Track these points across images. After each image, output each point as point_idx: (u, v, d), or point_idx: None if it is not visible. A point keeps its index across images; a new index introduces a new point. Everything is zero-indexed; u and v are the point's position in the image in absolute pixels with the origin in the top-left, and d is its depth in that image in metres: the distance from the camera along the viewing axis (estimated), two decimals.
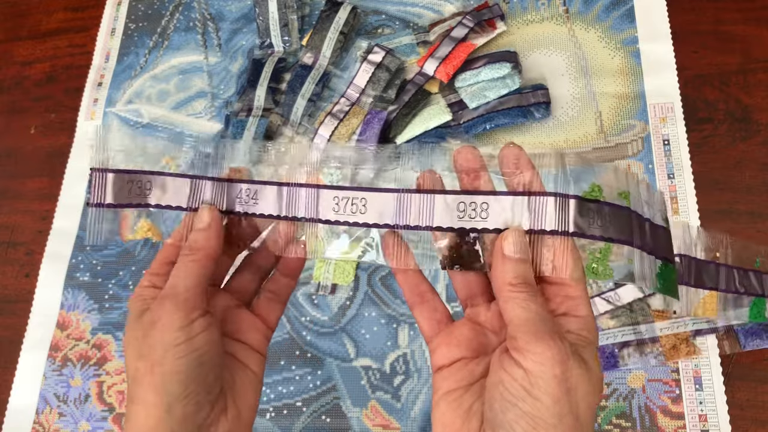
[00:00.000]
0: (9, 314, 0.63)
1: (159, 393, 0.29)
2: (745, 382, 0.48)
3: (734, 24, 0.59)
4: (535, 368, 0.26)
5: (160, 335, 0.30)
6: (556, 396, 0.26)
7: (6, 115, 0.73)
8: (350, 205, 0.32)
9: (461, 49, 0.59)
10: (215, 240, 0.33)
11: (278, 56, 0.65)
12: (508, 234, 0.29)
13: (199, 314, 0.31)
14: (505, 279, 0.28)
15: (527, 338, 0.26)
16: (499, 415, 0.27)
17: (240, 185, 0.34)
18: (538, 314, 0.27)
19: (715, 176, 0.54)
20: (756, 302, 0.46)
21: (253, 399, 0.34)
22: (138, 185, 0.34)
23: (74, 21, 0.76)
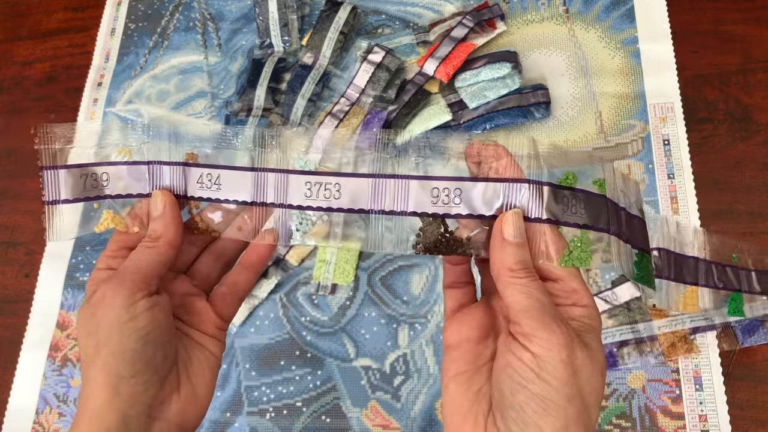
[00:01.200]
0: (9, 314, 0.63)
1: (106, 373, 0.30)
2: (745, 382, 0.48)
3: (734, 24, 0.59)
4: (542, 353, 0.26)
5: (104, 313, 0.30)
6: (564, 379, 0.26)
7: (6, 115, 0.73)
8: (323, 190, 0.32)
9: (461, 49, 0.59)
10: (173, 226, 0.33)
11: (278, 56, 0.65)
12: (507, 217, 0.29)
13: (142, 295, 0.31)
14: (504, 263, 0.29)
15: (532, 324, 0.27)
16: (508, 397, 0.27)
17: (200, 170, 0.34)
18: (540, 300, 0.28)
19: (715, 176, 0.54)
20: (734, 297, 0.47)
21: (210, 376, 0.34)
22: (93, 177, 0.34)
23: (74, 21, 0.76)
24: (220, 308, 0.36)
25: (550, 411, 0.26)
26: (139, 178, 0.34)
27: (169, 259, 0.33)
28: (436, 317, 0.54)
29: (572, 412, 0.26)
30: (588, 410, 0.27)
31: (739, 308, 0.47)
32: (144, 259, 0.32)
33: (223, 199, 0.33)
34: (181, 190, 0.34)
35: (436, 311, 0.54)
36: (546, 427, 0.26)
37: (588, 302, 0.29)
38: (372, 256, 0.57)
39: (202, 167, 0.34)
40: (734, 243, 0.49)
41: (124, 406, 0.30)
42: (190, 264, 0.37)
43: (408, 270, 0.56)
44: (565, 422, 0.26)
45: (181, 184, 0.34)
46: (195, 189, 0.34)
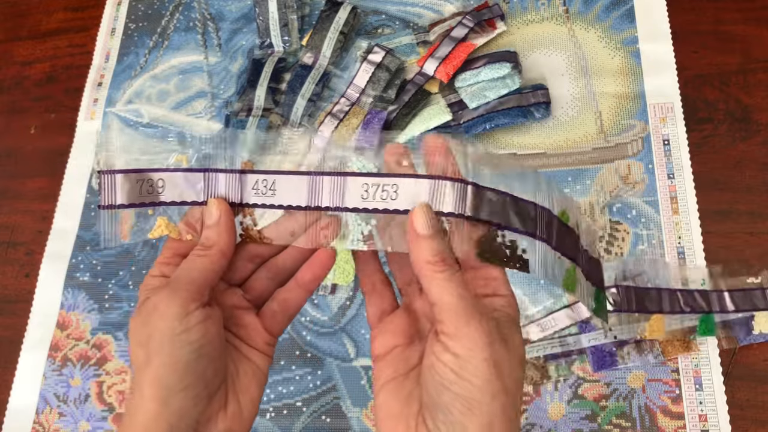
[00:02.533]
0: (9, 314, 0.63)
1: (156, 386, 0.29)
2: (745, 382, 0.48)
3: (734, 24, 0.59)
4: (464, 353, 0.27)
5: (156, 323, 0.30)
6: (487, 377, 0.26)
7: (6, 115, 0.73)
8: (381, 191, 0.31)
9: (461, 49, 0.59)
10: (226, 234, 0.32)
11: (278, 56, 0.65)
12: (416, 212, 0.29)
13: (196, 306, 0.30)
14: (421, 257, 0.29)
15: (455, 323, 0.27)
16: (435, 398, 0.28)
17: (256, 176, 0.33)
18: (462, 296, 0.28)
19: (715, 176, 0.54)
20: (703, 319, 0.49)
21: (256, 393, 0.34)
22: (149, 183, 0.33)
23: (74, 21, 0.76)
24: (269, 324, 0.35)
25: (474, 410, 0.26)
26: (195, 185, 0.33)
27: (221, 268, 0.32)
28: None
29: (497, 408, 0.27)
30: (513, 402, 0.27)
31: (710, 328, 0.48)
32: (196, 269, 0.31)
33: (277, 204, 0.33)
34: (237, 197, 0.33)
35: None
36: (471, 426, 0.26)
37: (506, 291, 0.30)
38: None
39: (258, 173, 0.33)
40: (701, 270, 0.51)
41: (173, 419, 0.29)
42: (244, 279, 0.36)
43: None
44: (490, 418, 0.26)
45: (236, 191, 0.33)
46: (250, 196, 0.33)
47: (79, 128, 0.70)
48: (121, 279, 0.62)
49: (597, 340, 0.50)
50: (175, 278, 0.31)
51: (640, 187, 0.55)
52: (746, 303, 0.49)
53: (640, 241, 0.53)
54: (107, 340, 0.60)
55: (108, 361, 0.59)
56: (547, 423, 0.49)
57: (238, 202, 0.33)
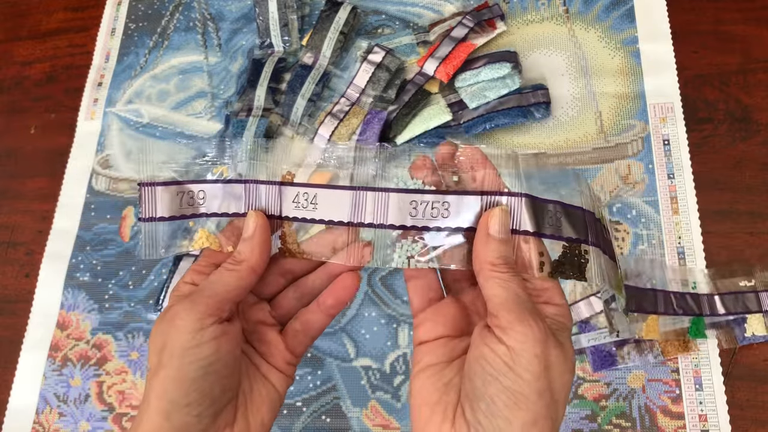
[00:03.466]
0: (9, 314, 0.63)
1: (161, 398, 0.29)
2: (745, 382, 0.48)
3: (734, 24, 0.59)
4: (517, 346, 0.27)
5: (171, 334, 0.29)
6: (537, 373, 0.26)
7: (6, 115, 0.73)
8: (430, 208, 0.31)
9: (461, 49, 0.59)
10: (259, 249, 0.32)
11: (278, 56, 0.65)
12: (494, 213, 0.29)
13: (212, 321, 0.30)
14: (486, 257, 0.29)
15: (509, 317, 0.27)
16: (480, 389, 0.27)
17: (296, 189, 0.32)
18: (518, 295, 0.28)
19: (715, 176, 0.54)
20: (694, 321, 0.49)
21: (268, 416, 0.33)
22: (189, 195, 0.33)
23: (74, 21, 0.76)
24: (291, 343, 0.35)
25: (520, 404, 0.26)
26: (236, 197, 0.33)
27: (249, 285, 0.32)
28: None
29: (542, 407, 0.26)
30: (556, 405, 0.27)
31: (700, 331, 0.49)
32: (222, 283, 0.31)
33: (318, 219, 0.32)
34: (276, 210, 0.33)
35: None
36: (515, 420, 0.26)
37: (560, 301, 0.30)
38: None
39: (298, 186, 0.32)
40: (692, 273, 0.51)
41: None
42: (274, 294, 0.36)
43: None
44: (534, 416, 0.26)
45: (276, 204, 0.33)
46: (290, 209, 0.32)
47: (79, 128, 0.70)
48: (121, 279, 0.62)
49: (596, 340, 0.50)
50: (199, 290, 0.31)
51: (640, 187, 0.55)
52: (738, 306, 0.49)
53: (640, 241, 0.53)
54: (107, 340, 0.60)
55: (108, 361, 0.59)
56: None
57: (278, 215, 0.32)
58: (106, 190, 0.66)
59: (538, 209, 0.30)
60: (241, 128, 0.61)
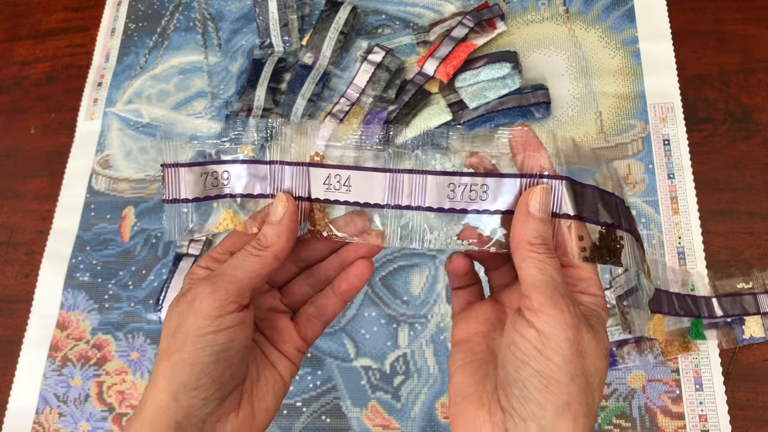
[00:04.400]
0: (9, 314, 0.63)
1: (169, 379, 0.29)
2: (745, 382, 0.48)
3: (734, 24, 0.59)
4: (547, 329, 0.26)
5: (187, 317, 0.29)
6: (568, 357, 0.26)
7: (6, 115, 0.73)
8: (469, 191, 0.30)
9: (461, 49, 0.59)
10: (286, 237, 0.31)
11: (278, 56, 0.65)
12: (535, 191, 0.29)
13: (234, 308, 0.29)
14: (524, 236, 0.28)
15: (542, 299, 0.27)
16: (512, 374, 0.27)
17: (327, 171, 0.31)
18: (553, 278, 0.27)
19: (715, 176, 0.54)
20: (694, 323, 0.49)
21: (272, 404, 0.33)
22: (213, 176, 0.32)
23: (74, 21, 0.76)
24: (304, 330, 0.35)
25: (551, 388, 0.26)
26: (260, 177, 0.32)
27: (270, 272, 0.31)
28: (436, 317, 0.54)
29: (574, 390, 0.26)
30: (591, 390, 0.27)
31: (699, 332, 0.49)
32: (243, 268, 0.30)
33: (352, 201, 0.31)
34: (304, 191, 0.32)
35: (436, 311, 0.54)
36: (547, 404, 0.26)
37: (597, 291, 0.29)
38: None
39: (329, 168, 0.31)
40: (690, 275, 0.51)
41: (179, 415, 0.29)
42: (286, 282, 0.35)
43: (408, 270, 0.56)
44: (567, 399, 0.26)
45: (303, 185, 0.32)
46: (320, 191, 0.32)
47: (79, 128, 0.70)
48: (121, 279, 0.62)
49: None
50: (220, 273, 0.30)
51: (640, 187, 0.55)
52: (735, 308, 0.49)
53: None
54: (107, 340, 0.60)
55: (108, 361, 0.59)
56: None
57: (306, 196, 0.32)
58: (106, 190, 0.66)
59: (578, 192, 0.29)
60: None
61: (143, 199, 0.64)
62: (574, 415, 0.26)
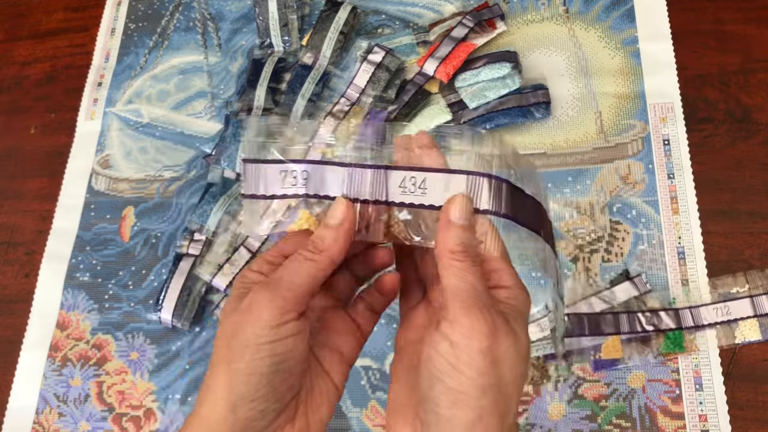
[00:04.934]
0: (9, 314, 0.63)
1: (228, 389, 0.28)
2: (745, 382, 0.48)
3: (734, 24, 0.59)
4: (461, 341, 0.26)
5: (246, 325, 0.28)
6: (481, 369, 0.26)
7: (6, 115, 0.73)
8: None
9: (461, 49, 0.59)
10: (343, 242, 0.30)
11: (278, 56, 0.65)
12: (455, 199, 0.29)
13: (293, 317, 0.29)
14: (446, 245, 0.28)
15: (458, 310, 0.26)
16: (426, 391, 0.27)
17: (403, 173, 0.31)
18: (473, 286, 0.27)
19: (715, 176, 0.54)
20: (669, 336, 0.49)
21: (327, 413, 0.32)
22: (292, 175, 0.32)
23: (74, 21, 0.76)
24: (362, 321, 0.34)
25: (461, 403, 0.26)
26: (338, 179, 0.31)
27: (325, 276, 0.30)
28: None
29: (486, 403, 0.26)
30: (506, 398, 0.26)
31: (677, 343, 0.49)
32: (301, 273, 0.29)
33: (428, 204, 0.30)
34: (382, 195, 0.31)
35: None
36: (456, 419, 0.26)
37: (511, 282, 0.29)
38: None
39: (404, 170, 0.31)
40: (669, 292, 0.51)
41: (236, 427, 0.28)
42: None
43: None
44: (478, 413, 0.26)
45: (382, 189, 0.31)
46: (396, 194, 0.31)
47: (79, 128, 0.70)
48: (121, 279, 0.62)
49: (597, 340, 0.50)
50: (277, 279, 0.29)
51: (640, 187, 0.55)
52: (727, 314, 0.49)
53: (640, 241, 0.53)
54: (107, 340, 0.60)
55: (108, 361, 0.59)
56: (547, 423, 0.49)
57: (383, 200, 0.31)
58: (106, 190, 0.66)
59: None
60: (241, 128, 0.61)
61: (143, 199, 0.64)
62: (485, 427, 0.26)
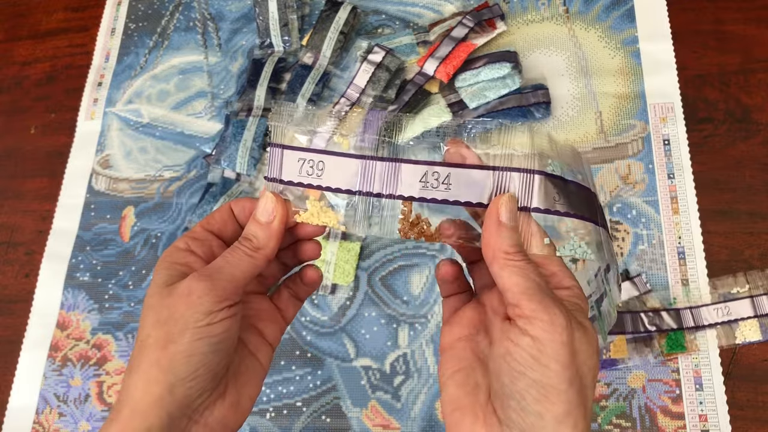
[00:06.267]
0: (9, 314, 0.63)
1: (165, 371, 0.29)
2: (745, 382, 0.48)
3: (734, 24, 0.59)
4: (542, 335, 0.26)
5: (185, 310, 0.29)
6: (565, 362, 0.26)
7: (6, 115, 0.73)
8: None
9: (461, 49, 0.59)
10: (276, 240, 0.32)
11: (278, 56, 0.65)
12: (503, 201, 0.29)
13: (230, 304, 0.30)
14: (500, 246, 0.28)
15: (532, 305, 0.26)
16: (508, 386, 0.27)
17: (425, 168, 0.30)
18: (538, 283, 0.27)
19: (715, 176, 0.54)
20: (670, 336, 0.49)
21: (255, 390, 0.33)
22: (310, 164, 0.32)
23: (74, 21, 0.76)
24: (284, 308, 0.36)
25: (551, 397, 0.26)
26: (351, 172, 0.31)
27: (260, 271, 0.32)
28: (436, 317, 0.54)
29: (573, 396, 0.26)
30: (586, 391, 0.27)
31: (678, 343, 0.49)
32: (241, 268, 0.31)
33: (452, 200, 0.30)
34: (393, 189, 0.31)
35: (436, 311, 0.54)
36: (546, 413, 0.26)
37: (571, 283, 0.29)
38: (372, 256, 0.57)
39: (426, 165, 0.30)
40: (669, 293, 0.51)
41: (172, 407, 0.29)
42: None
43: (408, 270, 0.56)
44: (567, 407, 0.26)
45: (391, 182, 0.31)
46: (416, 189, 0.30)
47: (79, 128, 0.70)
48: (121, 279, 0.62)
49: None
50: (218, 270, 0.30)
51: (640, 187, 0.55)
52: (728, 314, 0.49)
53: (640, 241, 0.53)
54: (107, 340, 0.60)
55: (108, 361, 0.59)
56: None
57: (390, 194, 0.31)
58: (106, 190, 0.66)
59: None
60: (241, 128, 0.61)
61: (143, 199, 0.64)
62: (574, 421, 0.26)
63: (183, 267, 0.31)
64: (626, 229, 0.53)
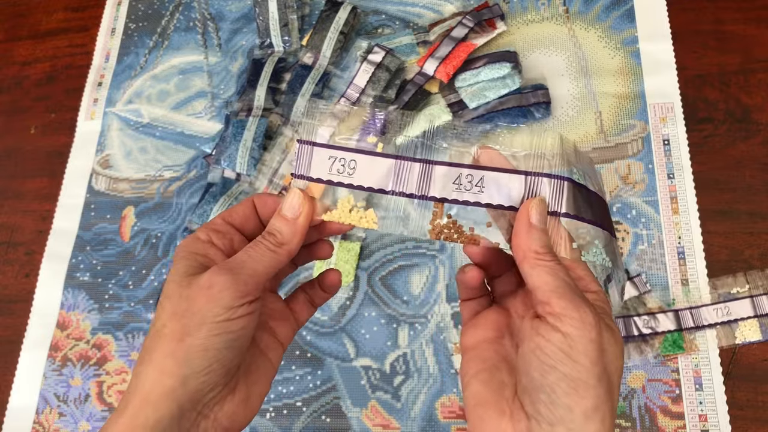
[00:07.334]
0: (9, 314, 0.63)
1: (180, 364, 0.29)
2: (745, 382, 0.48)
3: (734, 24, 0.59)
4: (573, 332, 0.27)
5: (204, 303, 0.29)
6: (594, 358, 0.26)
7: (6, 115, 0.73)
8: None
9: (461, 49, 0.59)
10: (300, 236, 0.32)
11: (278, 56, 0.65)
12: (534, 203, 0.30)
13: (251, 299, 0.30)
14: (531, 247, 0.29)
15: (563, 303, 0.27)
16: (538, 380, 0.27)
17: (459, 170, 0.31)
18: (567, 281, 0.28)
19: (715, 176, 0.54)
20: (668, 337, 0.49)
21: (265, 388, 0.33)
22: (341, 162, 0.32)
23: (74, 21, 0.76)
24: (298, 311, 0.36)
25: (580, 391, 0.26)
26: (384, 172, 0.32)
27: (281, 266, 0.32)
28: (436, 317, 0.54)
29: (602, 391, 0.26)
30: (613, 389, 0.27)
31: (676, 344, 0.49)
32: (263, 264, 0.30)
33: (484, 203, 0.31)
34: (426, 190, 0.31)
35: (436, 311, 0.54)
36: (576, 407, 0.26)
37: (597, 288, 0.30)
38: (372, 256, 0.57)
39: (461, 167, 0.31)
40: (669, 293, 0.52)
41: (184, 399, 0.29)
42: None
43: (408, 270, 0.56)
44: (595, 402, 0.26)
45: (425, 183, 0.31)
46: (448, 191, 0.31)
47: (79, 128, 0.70)
48: (121, 279, 0.62)
49: None
50: (240, 264, 0.30)
51: (640, 187, 0.55)
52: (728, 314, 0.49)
53: (640, 241, 0.53)
54: (107, 340, 0.60)
55: (108, 361, 0.59)
56: None
57: (423, 194, 0.31)
58: (106, 190, 0.66)
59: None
60: (241, 128, 0.61)
61: (143, 199, 0.64)
62: (602, 416, 0.26)
63: (203, 258, 0.31)
64: (626, 229, 0.54)
